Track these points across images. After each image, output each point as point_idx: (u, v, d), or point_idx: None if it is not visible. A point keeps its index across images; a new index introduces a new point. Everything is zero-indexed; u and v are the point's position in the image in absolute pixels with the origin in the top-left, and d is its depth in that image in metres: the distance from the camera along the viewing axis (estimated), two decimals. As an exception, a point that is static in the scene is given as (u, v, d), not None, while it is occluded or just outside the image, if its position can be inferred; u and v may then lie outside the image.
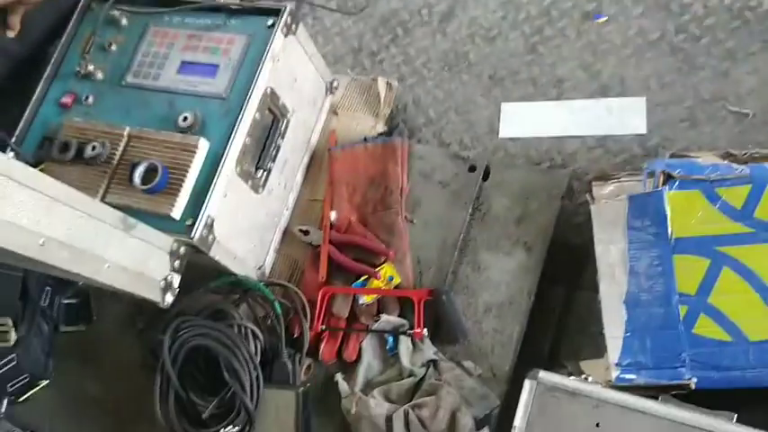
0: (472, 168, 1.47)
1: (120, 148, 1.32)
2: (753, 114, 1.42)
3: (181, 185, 1.25)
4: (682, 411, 1.06)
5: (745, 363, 1.13)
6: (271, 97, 1.37)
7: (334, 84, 1.62)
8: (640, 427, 1.06)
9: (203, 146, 1.28)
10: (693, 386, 1.13)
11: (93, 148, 1.31)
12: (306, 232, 1.48)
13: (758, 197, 1.21)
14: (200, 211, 1.24)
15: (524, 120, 1.58)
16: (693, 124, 1.46)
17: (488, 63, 1.66)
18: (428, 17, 1.76)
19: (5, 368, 1.37)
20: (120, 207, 1.11)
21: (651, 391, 1.13)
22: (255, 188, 1.38)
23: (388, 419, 1.25)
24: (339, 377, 1.34)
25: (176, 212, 1.24)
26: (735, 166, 1.24)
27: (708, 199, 1.23)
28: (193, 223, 1.23)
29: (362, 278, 1.40)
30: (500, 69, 1.64)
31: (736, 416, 1.05)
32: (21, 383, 1.42)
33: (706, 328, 1.16)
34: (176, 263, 1.21)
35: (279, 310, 1.38)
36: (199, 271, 1.32)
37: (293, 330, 1.40)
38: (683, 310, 1.18)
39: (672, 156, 1.33)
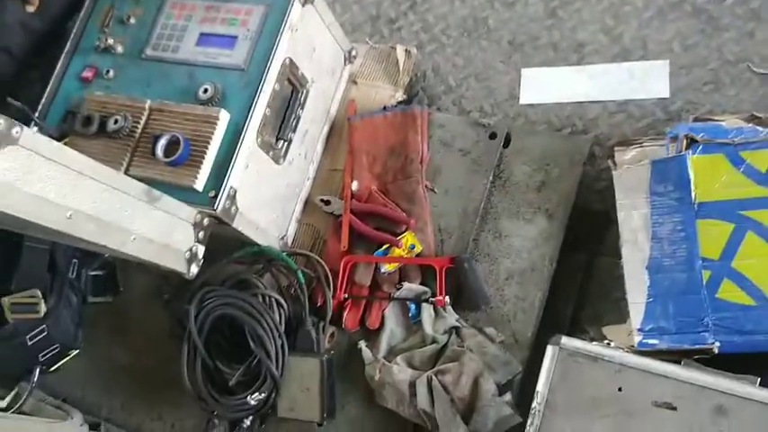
0: (493, 135, 1.46)
1: (142, 121, 1.33)
2: (779, 78, 1.40)
3: (203, 157, 1.26)
4: (704, 375, 1.06)
5: (769, 326, 1.13)
6: (290, 68, 1.37)
7: (353, 53, 1.61)
8: (663, 391, 1.06)
9: (224, 117, 1.29)
10: (716, 350, 1.13)
11: (116, 121, 1.32)
12: (327, 202, 1.49)
13: (784, 160, 1.19)
14: (222, 183, 1.25)
15: (545, 85, 1.57)
16: (717, 87, 1.43)
17: (508, 28, 1.64)
18: (446, -17, 1.74)
19: (37, 339, 1.40)
20: (143, 180, 1.12)
21: (673, 356, 1.14)
22: (276, 159, 1.38)
23: (412, 385, 1.27)
24: (362, 344, 1.36)
25: (199, 184, 1.25)
26: (760, 128, 1.23)
27: (732, 163, 1.22)
28: (216, 195, 1.24)
29: (384, 247, 1.41)
30: (520, 35, 1.62)
31: (759, 379, 1.05)
32: (51, 353, 1.45)
33: (729, 292, 1.16)
34: (200, 234, 1.23)
35: (302, 279, 1.39)
36: (222, 242, 1.34)
37: (316, 299, 1.41)
38: (706, 274, 1.18)
39: (695, 119, 1.32)
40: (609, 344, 1.15)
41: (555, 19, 1.61)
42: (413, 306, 1.37)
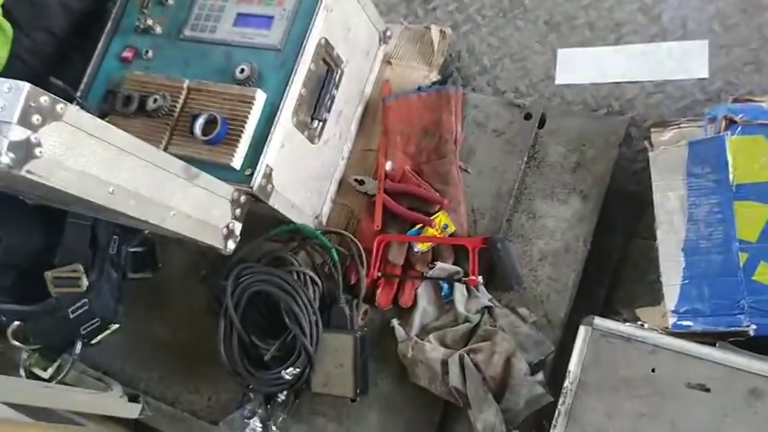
0: (528, 116, 1.46)
1: (181, 101, 1.35)
2: (823, 57, 1.38)
3: (240, 136, 1.28)
4: (739, 357, 1.06)
5: (807, 310, 1.11)
6: (325, 48, 1.38)
7: (388, 33, 1.61)
8: (697, 372, 1.06)
9: (260, 97, 1.30)
10: (752, 333, 1.12)
11: (155, 100, 1.35)
12: (361, 182, 1.50)
13: (825, 142, 1.17)
14: (258, 161, 1.27)
15: (581, 66, 1.55)
16: (758, 67, 1.41)
17: (544, 8, 1.63)
18: (483, -37, 1.73)
19: (78, 312, 1.44)
20: (182, 158, 1.14)
21: (708, 339, 1.13)
22: (311, 138, 1.40)
23: (444, 363, 1.28)
24: (395, 322, 1.37)
25: (236, 162, 1.27)
26: (801, 109, 1.21)
27: (772, 144, 1.20)
28: (253, 173, 1.26)
29: (417, 226, 1.42)
30: (556, 14, 1.61)
31: (796, 363, 1.04)
32: (93, 327, 1.49)
33: (766, 275, 1.15)
34: (237, 211, 1.25)
35: (336, 257, 1.41)
36: (259, 220, 1.36)
37: (350, 277, 1.43)
38: (743, 257, 1.16)
39: (735, 100, 1.30)
40: (642, 325, 1.15)
41: (592, -3, 1.59)
42: (445, 285, 1.38)
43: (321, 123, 1.42)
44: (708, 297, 1.16)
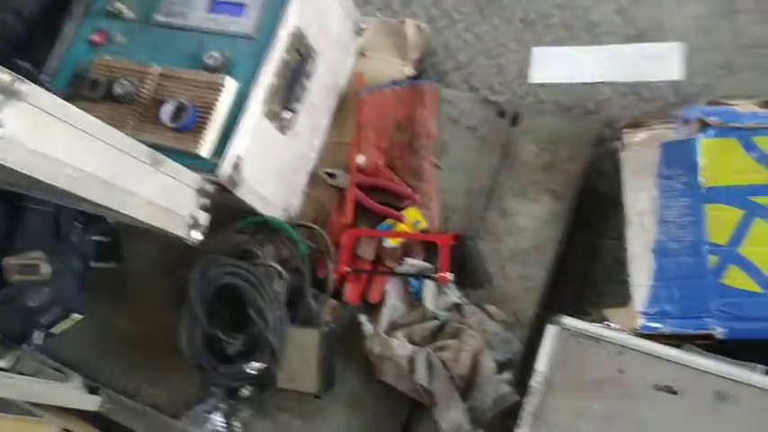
0: (501, 114, 1.45)
1: (149, 87, 1.32)
2: (795, 62, 1.38)
3: (208, 124, 1.25)
4: (706, 360, 1.06)
5: (775, 314, 1.12)
6: (298, 38, 1.35)
7: (363, 26, 1.59)
8: (664, 374, 1.06)
9: (231, 85, 1.28)
10: (720, 336, 1.12)
11: (123, 85, 1.31)
12: (332, 175, 1.48)
13: (796, 147, 1.18)
14: (227, 150, 1.24)
15: (556, 65, 1.55)
16: (732, 71, 1.42)
17: (520, 6, 1.62)
18: (460, -42, 1.72)
19: (39, 301, 1.40)
20: (148, 145, 1.11)
21: (676, 341, 1.13)
22: (282, 129, 1.37)
23: (411, 360, 1.26)
24: (363, 318, 1.35)
25: (204, 151, 1.24)
26: (773, 114, 1.21)
27: (744, 148, 1.20)
28: (221, 162, 1.24)
29: (388, 222, 1.40)
30: (531, 13, 1.60)
31: (765, 368, 1.04)
32: (54, 316, 1.45)
33: (735, 278, 1.15)
34: (203, 201, 1.22)
35: (304, 251, 1.39)
36: (226, 211, 1.33)
37: (318, 272, 1.41)
38: (712, 260, 1.17)
39: (708, 103, 1.30)
40: (610, 326, 1.14)
41: (568, -4, 1.59)
42: (415, 282, 1.36)
43: (293, 114, 1.39)
44: (677, 299, 1.16)
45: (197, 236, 1.22)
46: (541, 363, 1.11)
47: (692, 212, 1.20)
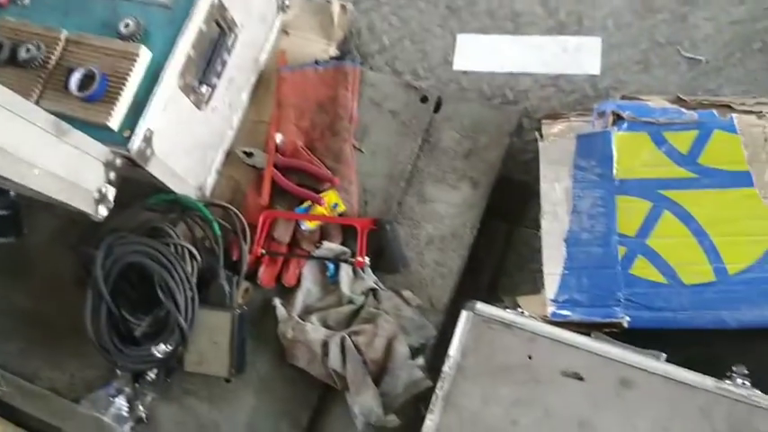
0: (424, 99, 1.44)
1: (57, 52, 1.25)
2: (706, 61, 1.43)
3: (119, 95, 1.19)
4: (613, 348, 1.08)
5: (678, 305, 1.16)
6: (218, 9, 1.31)
7: (287, 2, 1.55)
8: (572, 361, 1.08)
9: (145, 55, 1.22)
10: (626, 324, 1.15)
11: (28, 50, 1.24)
12: (249, 154, 1.44)
13: (703, 143, 1.22)
14: (138, 123, 1.19)
15: (479, 53, 1.55)
16: (647, 68, 1.46)
17: (447, -8, 1.62)
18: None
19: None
20: (55, 114, 1.05)
21: (585, 328, 1.15)
22: (198, 104, 1.32)
23: (324, 345, 1.25)
24: (277, 301, 1.33)
25: (114, 122, 1.18)
26: (684, 111, 1.25)
27: (655, 142, 1.23)
28: (131, 135, 1.18)
29: (306, 204, 1.37)
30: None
31: (665, 356, 1.08)
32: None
33: (643, 269, 1.18)
34: (111, 175, 1.16)
35: (218, 231, 1.34)
36: (136, 187, 1.28)
37: (232, 253, 1.37)
38: (621, 250, 1.20)
39: (623, 98, 1.33)
40: (522, 313, 1.15)
41: (494, -16, 1.60)
42: (331, 266, 1.34)
43: (210, 89, 1.34)
44: (586, 288, 1.19)
45: (103, 211, 1.16)
46: (454, 348, 1.11)
47: (603, 204, 1.23)
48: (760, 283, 1.13)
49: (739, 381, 1.01)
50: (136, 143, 1.18)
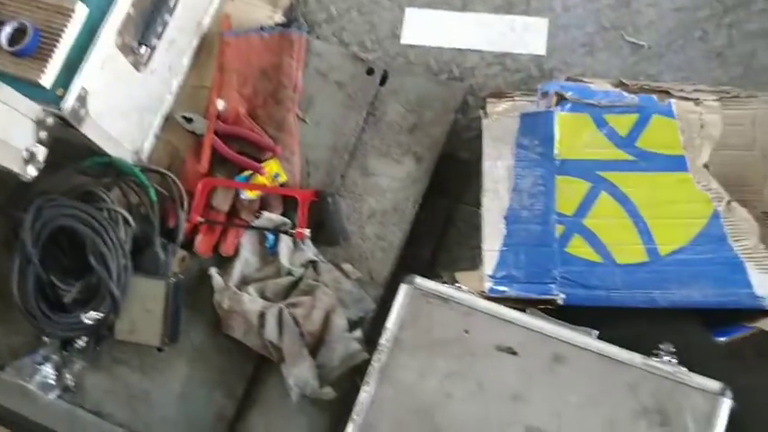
0: (370, 71, 1.43)
1: (-15, 5, 1.19)
2: (648, 47, 1.45)
3: (53, 51, 1.14)
4: (547, 324, 1.10)
5: (612, 284, 1.18)
6: (161, -33, 1.26)
7: (233, -35, 1.51)
8: (507, 336, 1.10)
9: (81, 10, 1.17)
10: (561, 302, 1.17)
11: (-48, 0, 1.18)
12: (189, 119, 1.40)
13: (643, 126, 1.24)
14: (72, 82, 1.15)
15: (427, 27, 1.54)
16: (591, 51, 1.47)
17: (397, -36, 1.60)
18: None
19: None
20: (-19, 68, 1.00)
21: (521, 304, 1.17)
22: (137, 65, 1.28)
23: (261, 316, 1.23)
24: (213, 271, 1.30)
25: (46, 80, 1.14)
26: (625, 94, 1.27)
27: (596, 124, 1.25)
28: (65, 94, 1.14)
29: (246, 173, 1.35)
30: (408, -28, 1.58)
31: (597, 333, 1.10)
32: None
33: (579, 248, 1.20)
34: (42, 134, 1.12)
35: (154, 197, 1.31)
36: (69, 149, 1.24)
37: (169, 220, 1.33)
38: (559, 229, 1.21)
39: (567, 79, 1.35)
40: (460, 288, 1.16)
41: (444, -39, 1.58)
42: (271, 236, 1.33)
43: (150, 50, 1.30)
44: (524, 264, 1.20)
45: (33, 171, 1.12)
46: (391, 321, 1.11)
47: (544, 183, 1.24)
48: (690, 265, 1.16)
49: (666, 358, 1.05)
50: (69, 102, 1.14)
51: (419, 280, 1.13)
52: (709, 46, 1.44)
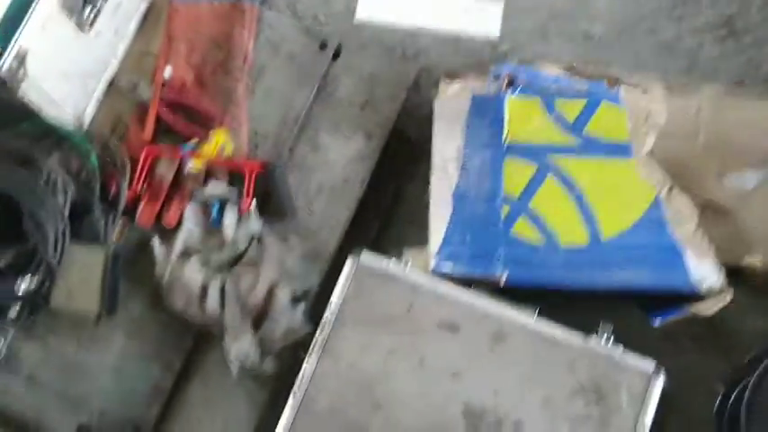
0: (323, 46, 1.41)
1: None
2: (599, 37, 1.47)
3: (-10, 7, 1.10)
4: (489, 302, 1.11)
5: (554, 265, 1.19)
6: (108, -72, 1.22)
7: (186, -71, 1.47)
8: (449, 313, 1.10)
9: (21, -35, 1.13)
10: (504, 281, 1.18)
11: None
12: (135, 86, 1.36)
13: (591, 112, 1.26)
14: (12, 41, 1.11)
15: (383, 5, 1.53)
16: (544, 36, 1.48)
17: (354, -61, 1.58)
18: None
19: None
20: None
21: (465, 283, 1.17)
22: (81, 26, 1.24)
23: (203, 288, 1.21)
24: (155, 241, 1.27)
25: (-18, 37, 1.09)
26: (575, 80, 1.29)
27: (545, 108, 1.26)
28: (2, 53, 1.10)
29: (193, 142, 1.32)
30: (366, -52, 1.57)
31: (538, 309, 1.11)
32: None
33: (523, 229, 1.21)
34: (-22, 93, 1.08)
35: (95, 163, 1.27)
36: (6, 111, 1.19)
37: (110, 188, 1.30)
38: (505, 209, 1.22)
39: (519, 63, 1.35)
40: (406, 264, 1.16)
41: (402, -63, 1.57)
42: (216, 208, 1.30)
43: (95, 11, 1.26)
44: (469, 243, 1.21)
45: (-34, 132, 1.08)
46: (336, 295, 1.11)
47: (492, 164, 1.25)
48: (630, 249, 1.18)
49: (604, 338, 1.07)
50: (7, 62, 1.10)
51: (365, 256, 1.13)
52: (659, 38, 1.47)
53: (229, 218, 1.28)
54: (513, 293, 1.16)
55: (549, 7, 1.50)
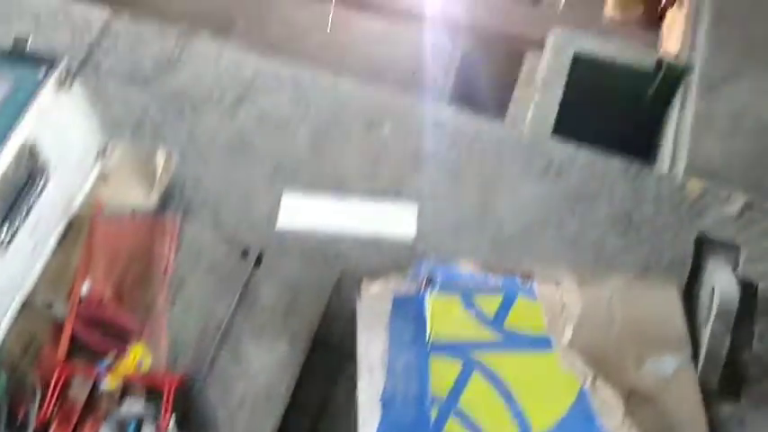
0: (245, 253, 1.44)
1: None
2: (509, 235, 1.54)
3: None
4: None
5: (488, 468, 1.17)
6: (29, 152, 1.25)
7: (108, 149, 1.51)
8: None
9: (-62, 191, 1.13)
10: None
11: None
12: (50, 305, 1.33)
13: (508, 308, 1.30)
14: None
15: (303, 212, 1.58)
16: (457, 235, 1.54)
17: (273, 150, 1.65)
18: (219, 98, 1.74)
19: None
20: None
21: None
22: (-3, 246, 1.23)
23: None
24: (65, 471, 1.19)
25: None
26: (491, 276, 1.34)
27: (465, 304, 1.30)
28: None
29: (109, 358, 1.27)
30: (285, 158, 1.64)
31: None
32: None
33: (454, 431, 1.19)
34: None
35: (3, 386, 1.20)
36: None
37: (18, 413, 1.22)
38: (434, 412, 1.21)
39: (437, 262, 1.40)
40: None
41: (319, 149, 1.66)
42: (132, 427, 1.23)
43: (12, 230, 1.25)
44: (399, 453, 1.17)
45: None
46: None
47: (418, 363, 1.25)
48: (562, 445, 1.17)
49: None
50: None
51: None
52: (563, 233, 1.55)
53: (146, 438, 1.22)
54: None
55: (459, 209, 1.58)
